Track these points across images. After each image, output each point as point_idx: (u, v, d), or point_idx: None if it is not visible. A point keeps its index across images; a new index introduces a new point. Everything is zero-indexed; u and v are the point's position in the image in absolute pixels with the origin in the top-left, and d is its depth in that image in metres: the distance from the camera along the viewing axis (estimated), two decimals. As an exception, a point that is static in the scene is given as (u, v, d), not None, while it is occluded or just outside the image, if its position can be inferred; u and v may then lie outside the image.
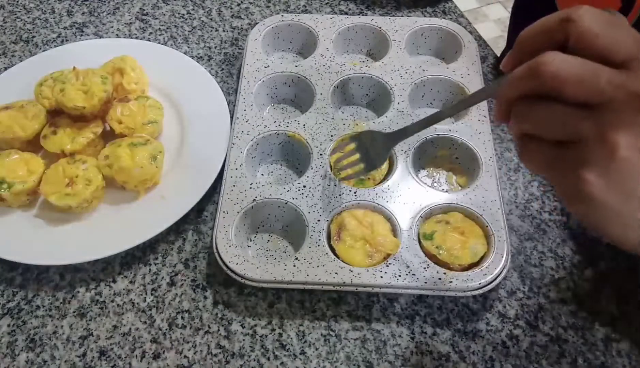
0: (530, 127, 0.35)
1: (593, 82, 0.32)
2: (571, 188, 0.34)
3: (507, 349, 0.55)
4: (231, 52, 0.81)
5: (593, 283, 0.59)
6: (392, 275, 0.55)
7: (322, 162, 0.64)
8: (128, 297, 0.59)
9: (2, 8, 0.88)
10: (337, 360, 0.55)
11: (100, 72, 0.69)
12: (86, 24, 0.86)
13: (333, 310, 0.58)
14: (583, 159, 0.33)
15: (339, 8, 0.87)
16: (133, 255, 0.62)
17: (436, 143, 0.66)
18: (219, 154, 0.66)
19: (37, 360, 0.55)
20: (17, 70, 0.77)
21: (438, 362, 0.54)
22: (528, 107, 0.34)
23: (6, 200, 0.62)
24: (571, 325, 0.57)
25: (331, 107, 0.69)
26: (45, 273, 0.61)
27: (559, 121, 0.33)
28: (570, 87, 0.32)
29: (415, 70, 0.72)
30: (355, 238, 0.57)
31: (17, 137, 0.66)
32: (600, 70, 0.32)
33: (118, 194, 0.65)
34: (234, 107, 0.71)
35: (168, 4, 0.88)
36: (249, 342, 0.56)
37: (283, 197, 0.61)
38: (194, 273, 0.61)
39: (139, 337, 0.56)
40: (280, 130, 0.67)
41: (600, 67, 0.32)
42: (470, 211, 0.60)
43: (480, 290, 0.54)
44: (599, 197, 0.33)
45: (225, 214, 0.60)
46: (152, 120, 0.68)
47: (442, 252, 0.57)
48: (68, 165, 0.63)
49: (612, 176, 0.33)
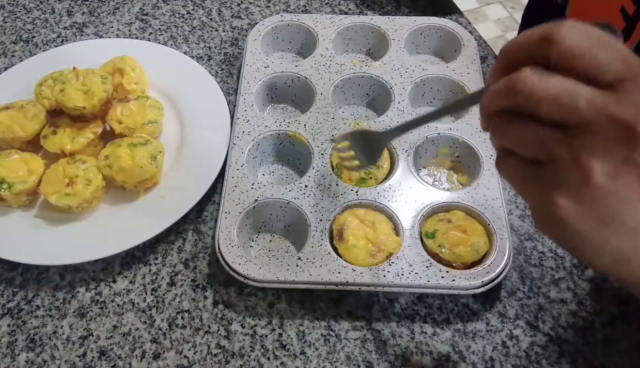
0: (506, 142, 0.34)
1: (571, 103, 0.30)
2: (544, 210, 0.33)
3: (507, 349, 0.55)
4: (231, 52, 0.81)
5: (593, 283, 0.59)
6: (395, 274, 0.55)
7: (323, 161, 0.64)
8: (128, 297, 0.59)
9: (2, 8, 0.88)
10: (337, 360, 0.55)
11: (100, 72, 0.69)
12: (86, 24, 0.86)
13: (333, 310, 0.58)
14: (557, 182, 0.31)
15: (338, 8, 0.87)
16: (133, 255, 0.62)
17: (437, 142, 0.66)
18: (219, 154, 0.66)
19: (37, 360, 0.55)
20: (17, 70, 0.77)
21: (438, 362, 0.54)
22: (505, 122, 0.33)
23: (6, 200, 0.62)
24: (571, 325, 0.57)
25: (331, 106, 0.69)
26: (45, 273, 0.61)
27: (534, 140, 0.32)
28: (546, 107, 0.30)
29: (415, 69, 0.72)
30: (358, 238, 0.57)
31: (17, 137, 0.65)
32: (580, 91, 0.30)
33: (118, 194, 0.64)
34: (234, 107, 0.71)
35: (168, 4, 0.88)
36: (249, 342, 0.56)
37: (285, 197, 0.61)
38: (194, 273, 0.61)
39: (139, 337, 0.56)
40: (281, 130, 0.67)
41: (581, 88, 0.30)
42: (472, 209, 0.60)
43: (483, 288, 0.55)
44: (572, 223, 0.32)
45: (227, 215, 0.59)
46: (152, 120, 0.68)
47: (445, 251, 0.57)
48: (68, 165, 0.63)
49: (586, 203, 0.31)
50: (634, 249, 0.32)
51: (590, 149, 0.30)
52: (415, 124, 0.47)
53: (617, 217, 0.31)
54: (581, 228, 0.32)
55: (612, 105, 0.29)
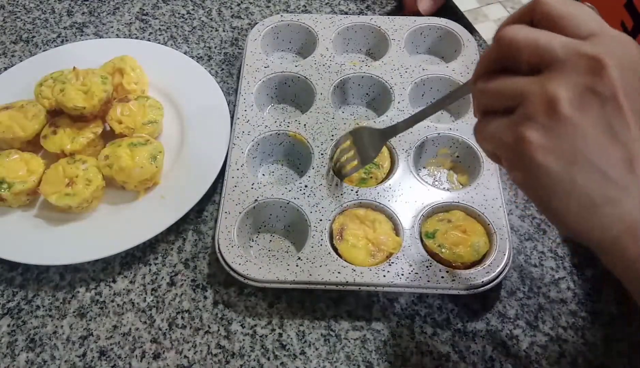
0: (487, 99, 0.36)
1: (547, 45, 0.32)
2: (513, 150, 0.34)
3: (507, 349, 0.55)
4: (231, 52, 0.81)
5: (593, 283, 0.59)
6: (395, 274, 0.55)
7: (323, 161, 0.64)
8: (128, 297, 0.59)
9: (2, 8, 0.88)
10: (337, 360, 0.55)
11: (100, 72, 0.69)
12: (86, 24, 0.86)
13: (333, 310, 0.58)
14: (526, 117, 0.33)
15: (338, 8, 0.87)
16: (133, 255, 0.62)
17: (437, 142, 0.66)
18: (219, 153, 0.66)
19: (37, 360, 0.55)
20: (17, 70, 0.77)
21: (438, 362, 0.54)
22: (486, 80, 0.36)
23: (6, 200, 0.62)
24: (571, 325, 0.57)
25: (331, 106, 0.69)
26: (45, 273, 0.61)
27: (511, 87, 0.34)
28: (526, 51, 0.33)
29: (415, 69, 0.72)
30: (358, 238, 0.57)
31: (17, 137, 0.65)
32: (556, 37, 0.33)
33: (118, 194, 0.64)
34: (234, 107, 0.71)
35: (168, 4, 0.88)
36: (249, 342, 0.56)
37: (285, 197, 0.61)
38: (194, 273, 0.61)
39: (139, 337, 0.56)
40: (281, 130, 0.67)
41: (557, 35, 0.33)
42: (472, 209, 0.60)
43: (482, 288, 0.55)
44: (540, 159, 0.32)
45: (227, 215, 0.59)
46: (152, 120, 0.68)
47: (445, 251, 0.57)
48: (68, 165, 0.63)
49: (553, 136, 0.32)
50: (601, 197, 0.32)
51: (558, 80, 0.32)
52: (419, 118, 0.47)
53: (583, 154, 0.32)
54: (550, 166, 0.33)
55: (583, 46, 0.32)
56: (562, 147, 0.32)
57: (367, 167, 0.63)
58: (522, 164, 0.34)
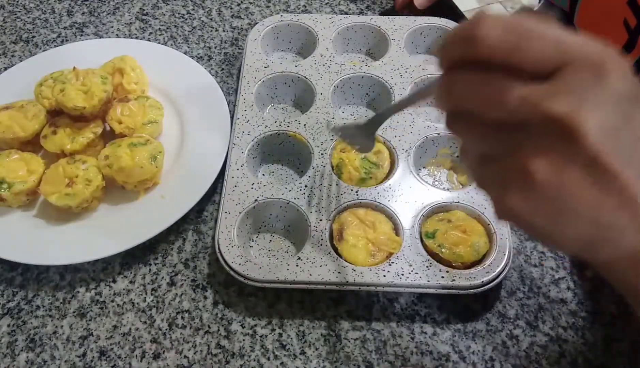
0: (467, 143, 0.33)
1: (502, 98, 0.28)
2: (499, 206, 0.32)
3: (507, 349, 0.55)
4: (231, 52, 0.81)
5: (593, 283, 0.59)
6: (395, 274, 0.55)
7: (323, 161, 0.64)
8: (128, 297, 0.59)
9: (2, 8, 0.88)
10: (337, 360, 0.55)
11: (100, 72, 0.68)
12: (86, 24, 0.86)
13: (333, 310, 0.58)
14: (504, 183, 0.30)
15: (338, 8, 0.87)
16: (133, 255, 0.62)
17: (437, 142, 0.66)
18: (219, 153, 0.66)
19: (37, 360, 0.55)
20: (17, 70, 0.76)
21: (438, 362, 0.54)
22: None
23: (6, 200, 0.62)
24: (571, 325, 0.57)
25: (331, 106, 0.69)
26: (45, 273, 0.61)
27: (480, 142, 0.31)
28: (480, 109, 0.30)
29: (415, 69, 0.72)
30: (358, 238, 0.57)
31: (17, 137, 0.65)
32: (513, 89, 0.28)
33: (118, 194, 0.64)
34: (234, 107, 0.71)
35: (168, 4, 0.88)
36: (249, 342, 0.56)
37: (285, 197, 0.61)
38: (194, 273, 0.61)
39: (139, 337, 0.56)
40: (281, 130, 0.67)
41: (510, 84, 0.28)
42: (472, 209, 0.60)
43: (482, 288, 0.55)
44: (526, 219, 0.31)
45: (227, 215, 0.59)
46: (152, 120, 0.68)
47: (445, 250, 0.57)
48: (68, 165, 0.63)
49: (534, 200, 0.30)
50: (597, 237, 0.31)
51: (529, 148, 0.29)
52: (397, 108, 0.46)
53: (568, 210, 0.30)
54: (536, 223, 0.31)
55: (546, 100, 0.27)
56: (544, 208, 0.30)
57: (367, 167, 0.63)
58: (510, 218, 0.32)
